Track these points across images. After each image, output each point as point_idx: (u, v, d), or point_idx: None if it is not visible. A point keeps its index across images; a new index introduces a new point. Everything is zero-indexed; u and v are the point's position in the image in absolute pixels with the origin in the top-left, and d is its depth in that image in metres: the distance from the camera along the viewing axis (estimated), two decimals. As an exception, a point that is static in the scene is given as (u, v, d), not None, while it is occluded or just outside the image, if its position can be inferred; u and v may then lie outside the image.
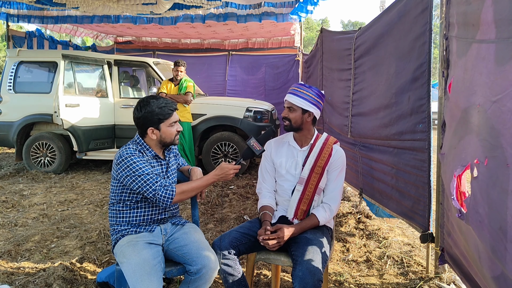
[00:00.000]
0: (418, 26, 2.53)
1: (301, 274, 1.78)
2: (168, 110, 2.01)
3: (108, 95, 6.27)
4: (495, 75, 1.36)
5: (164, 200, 1.92)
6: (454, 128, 1.81)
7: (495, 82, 1.36)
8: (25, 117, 6.16)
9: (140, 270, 1.77)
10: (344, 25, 48.01)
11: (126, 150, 1.96)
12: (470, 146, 1.56)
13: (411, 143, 2.64)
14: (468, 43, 1.65)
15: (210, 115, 6.12)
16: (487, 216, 1.38)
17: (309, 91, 2.16)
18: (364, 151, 3.52)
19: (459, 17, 1.81)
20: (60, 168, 6.21)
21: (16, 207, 4.44)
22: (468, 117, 1.61)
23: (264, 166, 2.31)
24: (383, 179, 3.13)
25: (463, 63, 1.73)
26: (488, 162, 1.38)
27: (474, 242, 1.53)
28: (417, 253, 3.12)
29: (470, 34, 1.63)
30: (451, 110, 1.90)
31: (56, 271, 2.70)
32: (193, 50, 9.91)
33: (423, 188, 2.52)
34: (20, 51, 6.43)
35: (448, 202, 2.04)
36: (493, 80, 1.37)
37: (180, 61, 5.89)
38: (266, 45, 9.79)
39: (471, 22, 1.61)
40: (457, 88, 1.80)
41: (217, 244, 2.01)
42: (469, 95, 1.60)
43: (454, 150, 1.78)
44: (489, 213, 1.36)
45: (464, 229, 1.68)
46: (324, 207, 2.15)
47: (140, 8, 5.83)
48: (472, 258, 1.65)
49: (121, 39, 10.36)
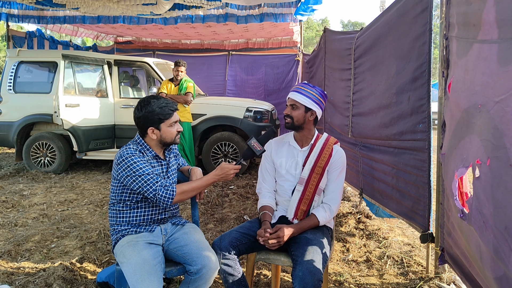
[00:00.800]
0: (418, 26, 2.53)
1: (301, 274, 1.78)
2: (168, 110, 2.01)
3: (108, 95, 6.27)
4: (498, 75, 1.36)
5: (164, 200, 1.92)
6: (454, 128, 1.81)
7: (498, 82, 1.36)
8: (25, 117, 6.16)
9: (140, 270, 1.77)
10: (344, 25, 48.02)
11: (127, 150, 1.96)
12: (472, 146, 1.55)
13: (412, 143, 2.64)
14: (469, 43, 1.65)
15: (210, 115, 6.12)
16: (492, 217, 1.37)
17: (313, 90, 2.20)
18: (365, 151, 3.52)
19: (459, 17, 1.81)
20: (60, 168, 6.21)
21: (16, 207, 4.44)
22: (469, 117, 1.60)
23: (264, 166, 2.31)
24: (384, 179, 3.13)
25: (463, 63, 1.72)
26: (490, 162, 1.38)
27: (476, 243, 1.53)
28: (417, 253, 3.12)
29: (471, 34, 1.63)
30: (451, 110, 1.90)
31: (56, 271, 2.70)
32: (193, 50, 9.90)
33: (423, 188, 2.51)
34: (20, 51, 6.43)
35: (449, 202, 2.04)
36: (496, 80, 1.37)
37: (181, 61, 5.89)
38: (266, 45, 9.78)
39: (472, 22, 1.61)
40: (457, 88, 1.80)
41: (217, 244, 2.01)
42: (470, 95, 1.60)
43: (454, 150, 1.78)
44: (494, 214, 1.36)
45: (465, 230, 1.68)
46: (324, 207, 2.15)
47: (140, 8, 5.83)
48: (473, 258, 1.65)
49: (121, 39, 10.36)
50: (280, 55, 8.94)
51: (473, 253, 1.62)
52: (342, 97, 4.20)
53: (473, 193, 1.52)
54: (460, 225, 1.75)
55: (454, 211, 1.79)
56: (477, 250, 1.54)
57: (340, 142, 2.35)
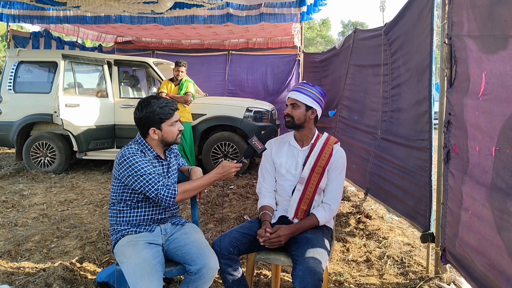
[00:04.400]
0: (425, 24, 2.54)
1: (301, 274, 1.78)
2: (169, 110, 2.01)
3: (108, 95, 6.27)
4: None
5: (166, 199, 1.92)
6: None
7: None
8: (25, 117, 6.16)
9: (140, 270, 1.77)
10: (344, 25, 47.93)
11: (128, 150, 1.96)
12: None
13: (419, 143, 2.65)
14: (503, 39, 1.62)
15: (210, 115, 6.12)
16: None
17: (312, 89, 2.21)
18: (379, 150, 3.49)
19: (477, 14, 1.79)
20: (60, 168, 6.20)
21: (16, 207, 4.44)
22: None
23: (264, 165, 2.31)
24: (391, 179, 3.14)
25: (499, 58, 1.66)
26: None
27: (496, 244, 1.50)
28: (417, 253, 3.11)
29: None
30: (486, 114, 1.78)
31: (56, 271, 2.70)
32: (193, 50, 9.89)
33: (425, 188, 2.52)
34: (20, 51, 6.43)
35: (458, 203, 2.03)
36: None
37: (181, 61, 5.89)
38: (266, 45, 9.77)
39: (503, 18, 1.60)
40: (496, 83, 1.69)
41: (217, 244, 2.01)
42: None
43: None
44: None
45: (479, 230, 1.66)
46: (324, 207, 2.15)
47: (141, 6, 5.80)
48: (488, 259, 1.63)
49: (121, 40, 10.36)
50: (280, 55, 8.93)
51: (487, 253, 1.60)
52: (377, 92, 3.85)
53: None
54: (471, 225, 1.73)
55: (468, 211, 1.75)
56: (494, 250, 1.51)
57: (352, 141, 2.36)
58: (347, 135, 4.48)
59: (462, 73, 2.02)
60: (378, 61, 3.69)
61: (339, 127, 4.97)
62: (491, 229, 1.71)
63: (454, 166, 2.12)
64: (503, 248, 1.60)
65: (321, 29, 42.38)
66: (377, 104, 3.71)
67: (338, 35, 46.79)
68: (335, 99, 5.25)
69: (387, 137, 3.39)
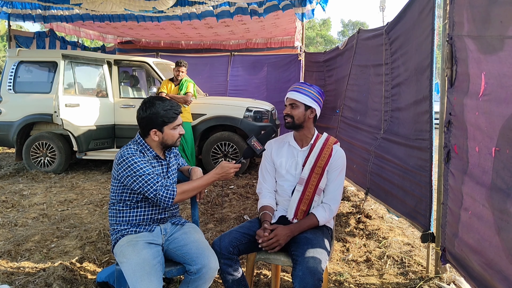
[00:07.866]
0: (426, 24, 2.54)
1: (301, 274, 1.78)
2: (173, 114, 2.00)
3: (108, 95, 6.26)
4: None
5: (165, 200, 1.91)
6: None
7: None
8: (25, 117, 6.16)
9: (140, 270, 1.77)
10: (345, 25, 47.97)
11: (127, 150, 1.96)
12: None
13: (420, 143, 2.65)
14: (500, 40, 1.62)
15: (210, 115, 6.12)
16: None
17: (311, 89, 2.21)
18: (379, 150, 3.48)
19: (475, 15, 1.79)
20: (60, 168, 6.20)
21: (16, 207, 4.44)
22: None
23: (264, 166, 2.31)
24: (391, 179, 3.14)
25: (496, 58, 1.67)
26: None
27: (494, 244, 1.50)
28: (417, 253, 3.11)
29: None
30: (486, 114, 1.77)
31: (56, 271, 2.70)
32: (195, 50, 9.89)
33: (426, 188, 2.52)
34: (20, 51, 6.43)
35: (458, 203, 2.03)
36: None
37: (182, 61, 5.88)
38: (267, 45, 9.78)
39: (499, 18, 1.60)
40: (495, 83, 1.69)
41: (217, 244, 2.01)
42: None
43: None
44: None
45: (479, 230, 1.65)
46: (324, 207, 2.15)
47: (143, 4, 5.78)
48: (487, 259, 1.63)
49: (122, 40, 10.36)
50: (282, 55, 8.94)
51: (486, 253, 1.60)
52: (379, 92, 3.84)
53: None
54: (471, 225, 1.73)
55: (468, 211, 1.75)
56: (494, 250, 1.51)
57: (353, 141, 2.36)
58: (348, 135, 4.47)
59: (462, 73, 2.02)
60: (380, 61, 3.68)
61: (340, 127, 4.96)
62: (490, 230, 1.71)
63: (454, 166, 2.12)
64: (502, 249, 1.60)
65: (321, 29, 42.36)
66: (378, 104, 3.71)
67: (338, 35, 46.86)
68: (340, 99, 5.24)
69: (387, 137, 3.39)
